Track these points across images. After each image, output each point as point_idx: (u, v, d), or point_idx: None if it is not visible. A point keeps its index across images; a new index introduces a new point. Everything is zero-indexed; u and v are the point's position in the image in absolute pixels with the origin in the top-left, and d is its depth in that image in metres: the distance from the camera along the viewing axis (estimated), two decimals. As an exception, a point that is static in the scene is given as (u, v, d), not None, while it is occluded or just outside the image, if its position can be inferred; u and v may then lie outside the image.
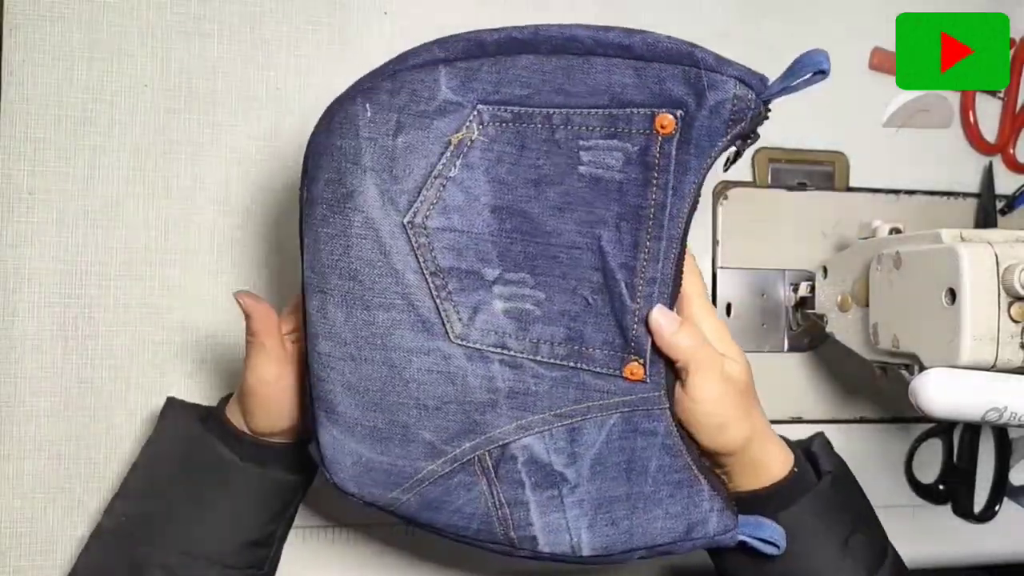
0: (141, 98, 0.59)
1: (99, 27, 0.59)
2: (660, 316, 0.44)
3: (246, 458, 0.50)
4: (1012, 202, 0.70)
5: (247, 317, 0.48)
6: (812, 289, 0.64)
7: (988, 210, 0.70)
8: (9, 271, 0.57)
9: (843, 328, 0.59)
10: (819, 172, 0.68)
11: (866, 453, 0.68)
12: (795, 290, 0.66)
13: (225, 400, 0.52)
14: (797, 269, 0.67)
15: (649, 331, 0.44)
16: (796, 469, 0.48)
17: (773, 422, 0.66)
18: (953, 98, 0.71)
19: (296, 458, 0.51)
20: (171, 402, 0.54)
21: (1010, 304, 0.46)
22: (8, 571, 0.56)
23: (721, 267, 0.66)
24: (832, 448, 0.53)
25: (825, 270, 0.62)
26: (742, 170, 0.67)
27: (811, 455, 0.51)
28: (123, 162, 0.59)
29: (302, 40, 0.61)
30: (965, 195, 0.71)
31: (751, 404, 0.47)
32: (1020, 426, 0.46)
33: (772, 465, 0.48)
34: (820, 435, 0.53)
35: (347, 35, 0.62)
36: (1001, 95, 0.71)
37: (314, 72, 0.61)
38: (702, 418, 0.45)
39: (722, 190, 0.66)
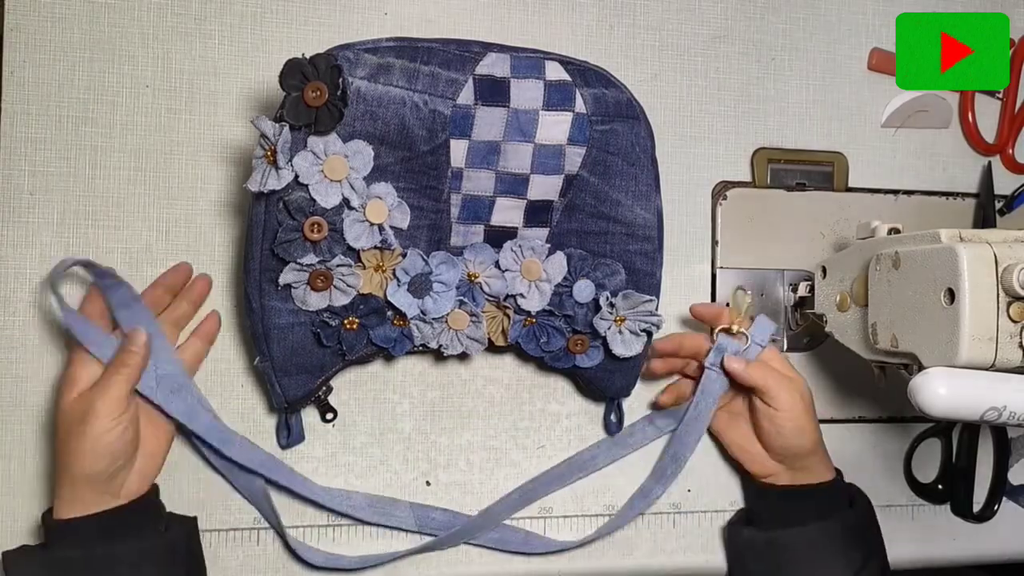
0: (142, 99, 0.59)
1: (100, 28, 0.59)
2: (731, 362, 0.59)
3: (94, 545, 0.50)
4: (1011, 202, 0.71)
5: (132, 343, 0.52)
6: (811, 289, 0.64)
7: (987, 210, 0.70)
8: (10, 271, 0.57)
9: (842, 328, 0.60)
10: (818, 172, 0.68)
11: (865, 453, 0.68)
12: (794, 290, 0.66)
13: (48, 512, 0.52)
14: (796, 269, 0.67)
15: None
16: (838, 479, 0.61)
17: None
18: (952, 98, 0.71)
19: (148, 521, 0.53)
20: (6, 557, 0.51)
21: (1009, 304, 0.47)
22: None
23: (721, 267, 0.67)
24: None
25: (824, 270, 0.62)
26: (741, 170, 0.67)
27: (848, 487, 0.63)
28: (124, 162, 0.59)
29: (302, 40, 0.61)
30: (964, 195, 0.71)
31: (814, 417, 0.60)
32: (1019, 425, 0.46)
33: (825, 472, 0.60)
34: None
35: (347, 35, 0.61)
36: (1000, 95, 0.71)
37: (314, 72, 0.61)
38: (787, 423, 0.58)
39: (721, 190, 0.67)
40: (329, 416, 0.60)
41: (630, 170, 0.57)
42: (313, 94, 0.50)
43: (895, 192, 0.69)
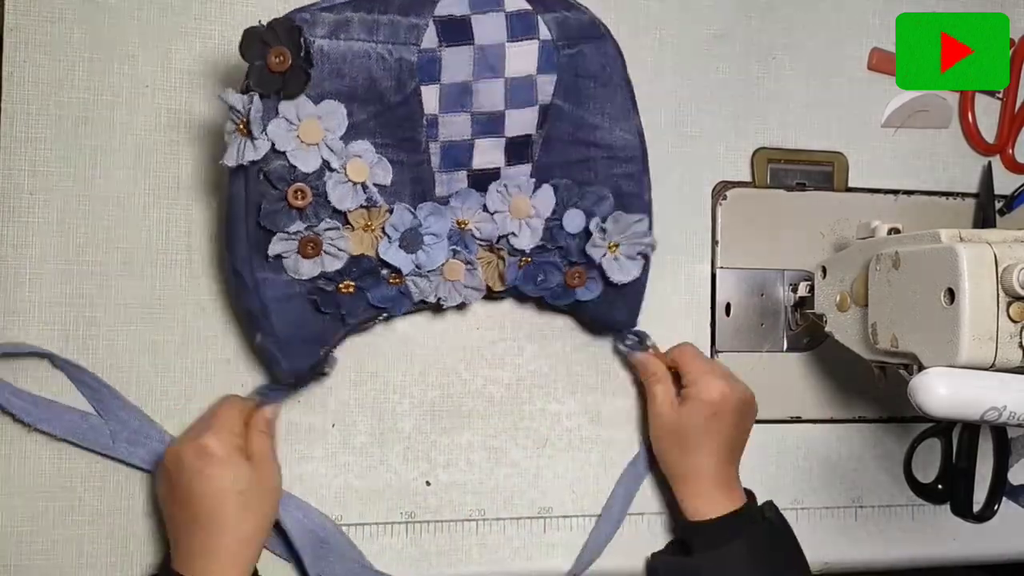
0: (142, 98, 0.59)
1: (99, 27, 0.59)
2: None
3: None
4: (1011, 202, 0.71)
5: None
6: (811, 289, 0.64)
7: (987, 210, 0.70)
8: (10, 271, 0.57)
9: (842, 328, 0.60)
10: (818, 172, 0.68)
11: (865, 453, 0.68)
12: (794, 290, 0.66)
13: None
14: (796, 269, 0.67)
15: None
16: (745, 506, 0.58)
17: (772, 422, 0.67)
18: (952, 98, 0.71)
19: None
20: None
21: (1009, 304, 0.47)
22: (8, 571, 0.57)
23: (720, 267, 0.67)
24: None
25: (824, 270, 0.62)
26: (741, 170, 0.67)
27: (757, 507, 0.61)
28: (124, 162, 0.59)
29: (302, 40, 0.61)
30: (964, 195, 0.71)
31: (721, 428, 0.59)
32: (1019, 425, 0.46)
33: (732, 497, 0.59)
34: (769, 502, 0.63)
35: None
36: (1000, 95, 0.71)
37: (314, 72, 0.61)
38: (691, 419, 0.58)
39: (721, 190, 0.67)
40: (326, 370, 0.60)
41: (603, 91, 0.57)
42: (276, 59, 0.50)
43: (895, 192, 0.69)
